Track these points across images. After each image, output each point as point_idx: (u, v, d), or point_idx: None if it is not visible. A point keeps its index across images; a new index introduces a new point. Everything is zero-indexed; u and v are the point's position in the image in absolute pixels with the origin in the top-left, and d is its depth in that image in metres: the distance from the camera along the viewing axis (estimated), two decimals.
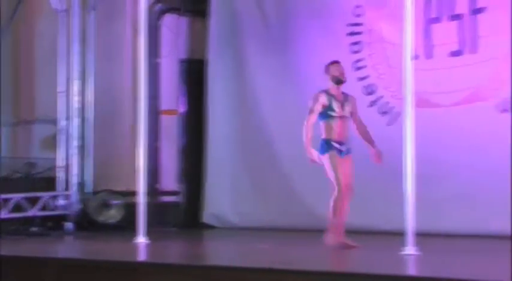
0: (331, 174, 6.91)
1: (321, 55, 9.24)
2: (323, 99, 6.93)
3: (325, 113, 6.95)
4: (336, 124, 6.93)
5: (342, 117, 6.95)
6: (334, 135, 6.92)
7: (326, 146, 6.92)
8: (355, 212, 8.46)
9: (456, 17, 8.37)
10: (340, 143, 6.92)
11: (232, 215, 9.85)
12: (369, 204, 8.47)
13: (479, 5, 8.26)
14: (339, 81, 6.99)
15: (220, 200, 9.92)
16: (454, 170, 8.16)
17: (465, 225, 8.12)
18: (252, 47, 9.78)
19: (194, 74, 10.25)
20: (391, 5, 8.70)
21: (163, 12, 10.11)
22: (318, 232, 8.77)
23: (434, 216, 7.97)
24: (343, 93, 7.07)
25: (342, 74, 7.02)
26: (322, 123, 6.98)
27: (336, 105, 6.94)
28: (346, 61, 8.93)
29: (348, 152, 6.96)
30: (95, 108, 10.09)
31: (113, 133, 10.11)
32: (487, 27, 8.23)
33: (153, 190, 9.81)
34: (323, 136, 6.96)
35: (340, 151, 6.91)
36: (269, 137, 9.64)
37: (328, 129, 6.93)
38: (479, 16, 8.27)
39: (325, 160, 6.92)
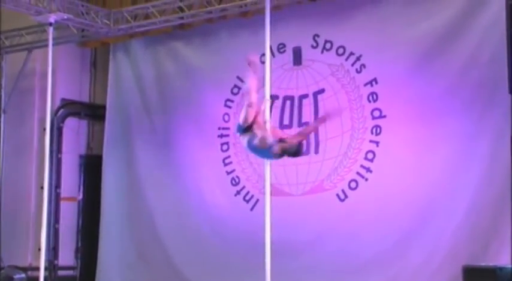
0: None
1: (197, 152, 9.44)
2: None
3: None
4: None
5: None
6: None
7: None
8: None
9: (303, 124, 8.71)
10: None
11: None
12: (233, 277, 8.56)
13: (320, 115, 8.57)
14: None
15: (111, 273, 9.85)
16: (302, 247, 8.31)
17: None
18: (140, 146, 9.93)
19: (92, 167, 10.31)
20: None
21: (66, 116, 10.23)
22: None
23: None
24: None
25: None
26: None
27: None
28: (217, 158, 9.18)
29: None
30: (4, 195, 9.86)
31: (19, 217, 9.95)
32: (326, 133, 8.58)
33: (53, 265, 9.76)
34: None
35: None
36: (153, 218, 9.68)
37: None
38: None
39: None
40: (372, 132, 8.30)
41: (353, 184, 8.37)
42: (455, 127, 7.79)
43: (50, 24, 8.28)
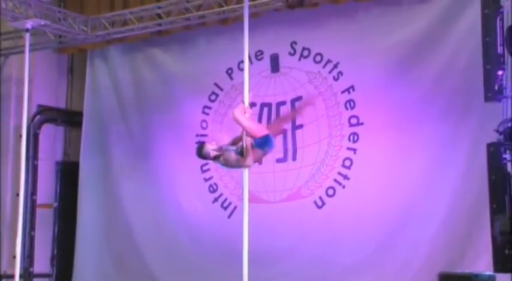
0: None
1: (174, 159, 9.37)
2: None
3: None
4: None
5: None
6: None
7: None
8: None
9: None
10: None
11: None
12: None
13: (298, 122, 8.62)
14: None
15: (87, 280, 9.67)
16: (280, 254, 8.25)
17: None
18: (117, 153, 9.87)
19: (69, 174, 10.20)
20: (228, 121, 8.92)
21: (42, 122, 10.09)
22: None
23: None
24: None
25: None
26: None
27: None
28: (195, 165, 9.12)
29: None
30: None
31: None
32: (304, 140, 8.56)
33: (28, 273, 9.60)
34: None
35: None
36: (130, 226, 9.59)
37: None
38: (298, 131, 8.61)
39: None
40: (349, 140, 8.31)
41: (330, 191, 8.37)
42: (431, 134, 7.82)
43: (27, 30, 8.17)
